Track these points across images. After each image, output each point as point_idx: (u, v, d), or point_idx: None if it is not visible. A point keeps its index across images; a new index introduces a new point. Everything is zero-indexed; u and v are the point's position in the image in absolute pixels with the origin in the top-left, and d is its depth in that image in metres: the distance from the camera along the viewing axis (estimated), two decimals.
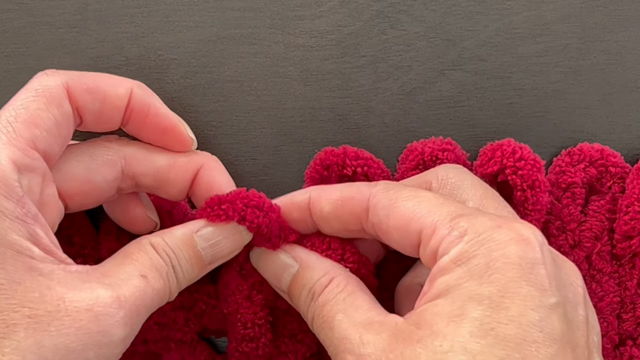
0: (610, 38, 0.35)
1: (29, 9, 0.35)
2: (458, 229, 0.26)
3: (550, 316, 0.24)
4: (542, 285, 0.24)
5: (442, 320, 0.24)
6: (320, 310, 0.28)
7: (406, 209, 0.27)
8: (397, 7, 0.35)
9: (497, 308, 0.24)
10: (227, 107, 0.35)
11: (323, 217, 0.30)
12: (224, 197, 0.30)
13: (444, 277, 0.25)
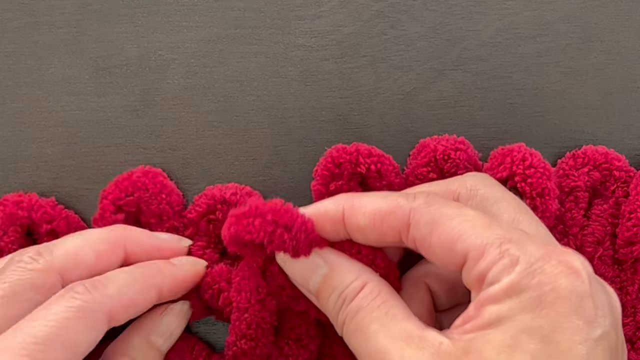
0: (610, 38, 0.35)
1: (29, 9, 0.35)
2: (510, 257, 0.25)
3: (595, 349, 0.25)
4: (589, 318, 0.25)
5: (494, 349, 0.25)
6: (353, 317, 0.28)
7: (451, 227, 0.27)
8: (397, 7, 0.35)
9: (549, 342, 0.24)
10: (227, 107, 0.35)
11: (359, 230, 0.29)
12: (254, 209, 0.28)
13: (494, 306, 0.25)
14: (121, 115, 0.35)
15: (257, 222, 0.28)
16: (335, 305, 0.28)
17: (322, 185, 0.33)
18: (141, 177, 0.33)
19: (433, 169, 0.33)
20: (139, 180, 0.33)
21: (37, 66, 0.35)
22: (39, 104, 0.35)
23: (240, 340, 0.31)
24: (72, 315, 0.27)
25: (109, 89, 0.35)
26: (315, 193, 0.33)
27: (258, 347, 0.31)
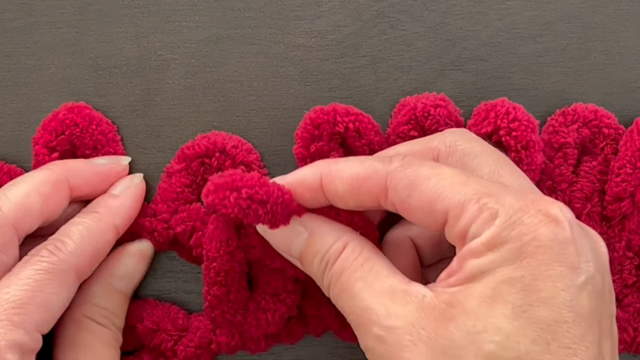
0: (611, 38, 0.35)
1: (29, 9, 0.35)
2: (489, 211, 0.26)
3: (580, 295, 0.25)
4: (572, 264, 0.25)
5: (475, 301, 0.25)
6: (338, 278, 0.28)
7: (429, 188, 0.27)
8: (397, 7, 0.35)
9: (530, 291, 0.24)
10: (227, 107, 0.35)
11: (338, 196, 0.29)
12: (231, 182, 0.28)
13: (475, 260, 0.25)
14: (121, 115, 0.35)
15: (233, 197, 0.28)
16: (319, 269, 0.29)
17: (303, 147, 0.33)
18: (67, 114, 0.33)
19: (414, 126, 0.33)
20: (67, 118, 0.33)
21: (37, 66, 0.35)
22: (39, 104, 0.35)
23: (212, 287, 0.32)
24: (42, 277, 0.28)
25: (109, 89, 0.35)
26: (297, 156, 0.33)
27: (231, 293, 0.32)
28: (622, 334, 0.33)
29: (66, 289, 0.29)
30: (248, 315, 0.32)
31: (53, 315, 0.28)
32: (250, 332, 0.33)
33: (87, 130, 0.33)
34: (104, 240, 0.31)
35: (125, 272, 0.32)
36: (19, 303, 0.27)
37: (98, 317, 0.31)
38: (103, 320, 0.31)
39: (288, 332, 0.34)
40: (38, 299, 0.28)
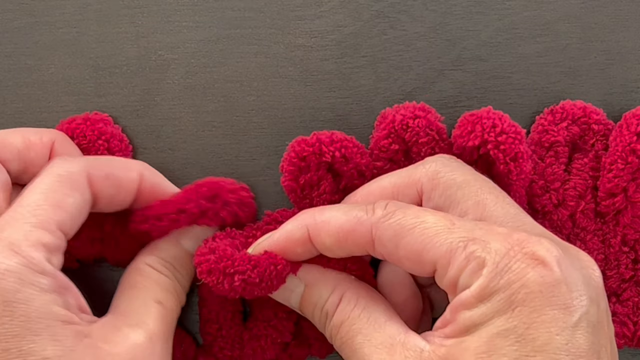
0: (610, 38, 0.35)
1: (29, 9, 0.35)
2: (476, 260, 0.26)
3: (575, 335, 0.24)
4: (565, 304, 0.25)
5: (471, 357, 0.25)
6: (338, 331, 0.28)
7: (414, 239, 0.27)
8: (397, 7, 0.35)
9: (524, 341, 0.24)
10: (227, 107, 0.35)
11: (327, 249, 0.29)
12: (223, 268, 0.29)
13: (468, 312, 0.26)
14: (121, 115, 0.35)
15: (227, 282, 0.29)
16: (320, 320, 0.29)
17: (291, 180, 0.33)
18: (81, 124, 0.33)
19: (394, 139, 0.33)
20: (78, 128, 0.33)
21: (37, 66, 0.35)
22: (39, 104, 0.35)
23: (205, 324, 0.33)
24: (55, 180, 0.28)
25: (109, 89, 0.35)
26: (287, 189, 0.33)
27: (223, 329, 0.32)
28: (623, 328, 0.33)
29: (80, 191, 0.29)
30: (244, 346, 0.33)
31: (71, 216, 0.28)
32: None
33: (94, 145, 0.33)
34: (125, 173, 0.31)
35: (194, 234, 0.32)
36: (34, 206, 0.27)
37: (159, 266, 0.31)
38: (164, 270, 0.31)
39: (291, 355, 0.34)
40: (51, 199, 0.28)
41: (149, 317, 0.28)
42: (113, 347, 0.26)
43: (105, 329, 0.27)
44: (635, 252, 0.34)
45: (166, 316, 0.29)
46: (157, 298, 0.29)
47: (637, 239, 0.34)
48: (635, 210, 0.33)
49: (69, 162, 0.29)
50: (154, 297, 0.29)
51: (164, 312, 0.29)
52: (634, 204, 0.33)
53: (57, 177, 0.28)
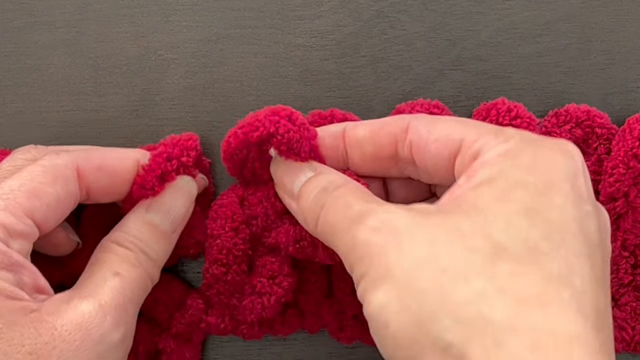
0: (610, 38, 0.35)
1: (29, 9, 0.35)
2: (505, 135, 0.26)
3: (587, 219, 0.25)
4: (581, 193, 0.25)
5: (487, 200, 0.24)
6: (336, 197, 0.28)
7: (448, 124, 0.28)
8: (397, 7, 0.35)
9: (543, 195, 0.24)
10: (227, 107, 0.35)
11: (357, 141, 0.30)
12: (261, 111, 0.30)
13: (487, 169, 0.25)
14: (121, 115, 0.35)
15: (262, 115, 0.29)
16: (316, 196, 0.28)
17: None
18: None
19: None
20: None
21: (37, 66, 0.35)
22: (39, 104, 0.35)
23: (212, 265, 0.32)
24: (37, 170, 0.28)
25: (109, 89, 0.35)
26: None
27: (229, 274, 0.32)
28: (621, 332, 0.33)
29: (62, 183, 0.28)
30: (243, 299, 0.32)
31: (47, 206, 0.28)
32: (244, 316, 0.32)
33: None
34: (120, 162, 0.31)
35: (160, 204, 0.31)
36: (7, 191, 0.27)
37: (122, 240, 0.30)
38: (127, 244, 0.30)
39: (283, 322, 0.34)
40: (26, 186, 0.27)
41: (102, 288, 0.27)
42: (58, 318, 0.26)
43: (56, 303, 0.26)
44: (635, 257, 0.34)
45: (124, 286, 0.28)
46: (115, 270, 0.28)
47: (637, 244, 0.34)
48: (636, 215, 0.33)
49: (58, 155, 0.29)
50: (112, 269, 0.28)
51: (122, 282, 0.28)
52: (635, 209, 0.33)
53: (41, 167, 0.28)
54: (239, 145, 0.30)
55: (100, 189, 0.30)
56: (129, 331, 0.28)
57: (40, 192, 0.28)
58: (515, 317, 0.22)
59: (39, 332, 0.25)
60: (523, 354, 0.21)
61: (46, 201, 0.28)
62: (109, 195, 0.31)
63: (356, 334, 0.33)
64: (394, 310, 0.23)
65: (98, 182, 0.30)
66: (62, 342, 0.25)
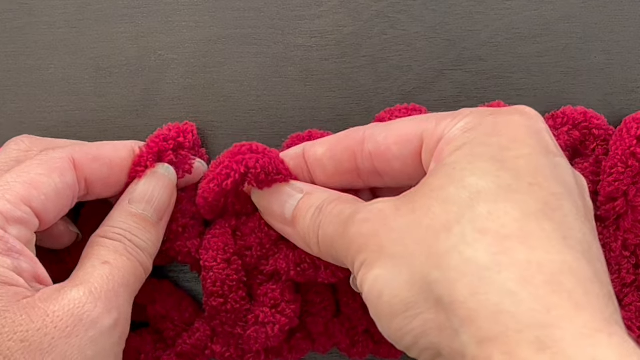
0: (610, 38, 0.35)
1: (29, 9, 0.35)
2: (461, 114, 0.26)
3: (559, 168, 0.25)
4: (548, 146, 0.25)
5: (454, 159, 0.25)
6: (330, 211, 0.28)
7: (403, 124, 0.28)
8: (397, 7, 0.35)
9: (507, 149, 0.24)
10: (227, 107, 0.35)
11: (317, 160, 0.30)
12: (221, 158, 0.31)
13: (452, 143, 0.25)
14: (121, 115, 0.35)
15: (227, 161, 0.30)
16: (312, 217, 0.29)
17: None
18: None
19: None
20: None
21: (37, 66, 0.35)
22: (39, 104, 0.35)
23: (209, 298, 0.32)
24: (34, 163, 0.29)
25: (109, 89, 0.35)
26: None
27: (228, 303, 0.32)
28: (628, 332, 0.33)
29: (59, 174, 0.29)
30: (247, 329, 0.32)
31: (46, 196, 0.28)
32: (249, 346, 0.32)
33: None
34: (116, 152, 0.31)
35: (143, 193, 0.31)
36: (3, 182, 0.28)
37: (108, 234, 0.30)
38: (113, 236, 0.30)
39: (291, 348, 0.33)
40: (23, 177, 0.28)
41: (92, 276, 0.28)
42: (50, 304, 0.26)
43: (48, 291, 0.27)
44: (637, 257, 0.34)
45: (112, 273, 0.28)
46: (104, 259, 0.29)
47: (638, 244, 0.34)
48: (635, 214, 0.33)
49: (54, 150, 0.30)
50: (101, 259, 0.29)
51: (111, 269, 0.28)
52: (635, 208, 0.33)
53: (37, 160, 0.29)
54: (215, 197, 0.31)
55: (98, 180, 0.30)
56: (122, 316, 0.28)
57: (37, 183, 0.28)
58: (499, 254, 0.22)
59: (31, 318, 0.25)
60: (512, 287, 0.21)
61: (44, 191, 0.28)
62: (107, 187, 0.31)
63: (368, 348, 0.33)
64: (387, 279, 0.24)
65: (95, 173, 0.30)
66: (54, 328, 0.25)
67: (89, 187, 0.30)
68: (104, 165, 0.30)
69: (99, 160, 0.30)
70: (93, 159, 0.30)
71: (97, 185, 0.30)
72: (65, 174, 0.29)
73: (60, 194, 0.29)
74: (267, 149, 0.31)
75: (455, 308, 0.22)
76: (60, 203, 0.29)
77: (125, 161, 0.31)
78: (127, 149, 0.31)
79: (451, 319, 0.22)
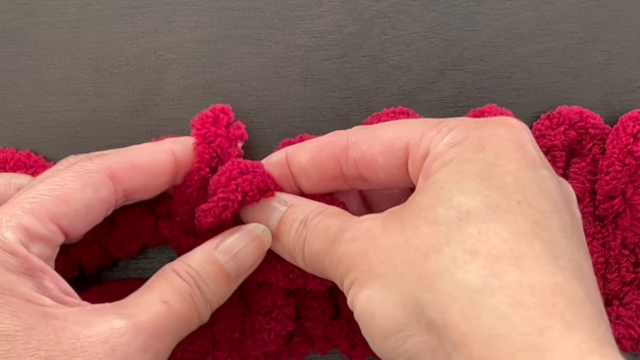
0: (610, 38, 0.35)
1: (29, 9, 0.35)
2: (448, 126, 0.26)
3: (546, 182, 0.24)
4: (534, 159, 0.25)
5: (441, 178, 0.25)
6: (315, 226, 0.28)
7: (388, 132, 0.28)
8: (397, 7, 0.35)
9: (495, 166, 0.24)
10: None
11: (301, 168, 0.30)
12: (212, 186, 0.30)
13: (438, 160, 0.25)
14: (121, 115, 0.35)
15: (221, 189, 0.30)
16: (296, 232, 0.28)
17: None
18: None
19: None
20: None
21: (37, 66, 0.35)
22: (39, 104, 0.35)
23: None
24: (68, 175, 0.28)
25: (109, 89, 0.35)
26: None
27: (224, 309, 0.31)
28: (628, 330, 0.33)
29: (92, 189, 0.28)
30: (246, 335, 0.32)
31: (75, 212, 0.27)
32: (249, 351, 0.33)
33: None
34: (153, 156, 0.30)
35: (231, 246, 0.30)
36: (35, 194, 0.27)
37: (181, 271, 0.29)
38: (185, 275, 0.29)
39: (290, 352, 0.33)
40: (56, 191, 0.27)
41: (144, 312, 0.27)
42: (84, 328, 0.25)
43: (87, 313, 0.26)
44: (636, 255, 0.34)
45: (167, 317, 0.27)
46: (165, 298, 0.27)
47: (637, 242, 0.34)
48: (634, 212, 0.33)
49: (90, 160, 0.29)
50: (162, 296, 0.28)
51: (167, 312, 0.27)
52: (633, 207, 0.33)
53: (72, 172, 0.28)
54: (213, 222, 0.30)
55: (137, 188, 0.30)
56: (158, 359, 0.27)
57: (69, 198, 0.27)
58: (490, 276, 0.22)
59: (59, 339, 0.24)
60: (504, 311, 0.21)
61: (74, 207, 0.27)
62: (147, 192, 0.30)
63: (368, 351, 0.33)
64: (379, 300, 0.24)
65: (133, 182, 0.29)
66: (83, 352, 0.24)
67: (128, 195, 0.30)
68: (142, 173, 0.30)
69: (136, 169, 0.29)
70: (130, 168, 0.29)
71: (136, 192, 0.30)
72: (99, 189, 0.28)
73: (92, 210, 0.28)
74: (252, 164, 0.30)
75: (448, 332, 0.22)
76: (91, 218, 0.28)
77: (163, 165, 0.30)
78: (164, 152, 0.30)
79: (444, 342, 0.22)
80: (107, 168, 0.29)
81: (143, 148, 0.31)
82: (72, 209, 0.27)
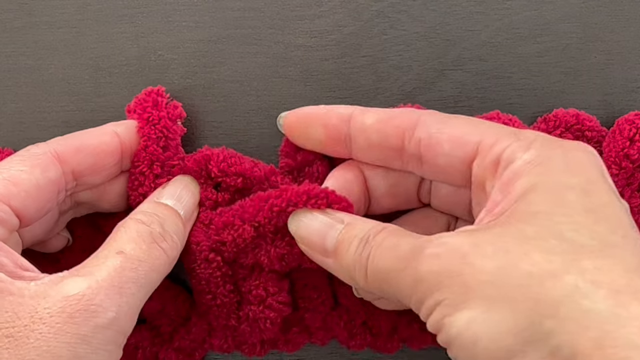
0: (610, 38, 0.35)
1: (29, 9, 0.35)
2: (525, 139, 0.26)
3: (627, 210, 0.25)
4: (614, 189, 0.26)
5: (542, 206, 0.24)
6: (380, 243, 0.27)
7: (461, 125, 0.28)
8: (397, 7, 0.35)
9: (590, 194, 0.25)
10: (227, 107, 0.35)
11: (364, 129, 0.30)
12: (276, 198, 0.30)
13: (523, 178, 0.25)
14: (121, 115, 0.35)
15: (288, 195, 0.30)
16: (356, 250, 0.27)
17: (289, 158, 0.33)
18: None
19: None
20: None
21: (37, 66, 0.35)
22: (39, 104, 0.35)
23: (199, 295, 0.32)
24: (14, 159, 0.29)
25: (109, 89, 0.35)
26: (284, 168, 0.33)
27: (217, 298, 0.32)
28: None
29: (40, 170, 0.28)
30: (242, 322, 0.32)
31: (26, 192, 0.28)
32: (245, 338, 0.33)
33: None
34: (97, 138, 0.31)
35: (171, 192, 0.31)
36: None
37: (140, 216, 0.29)
38: (144, 219, 0.29)
39: (288, 341, 0.33)
40: (3, 174, 0.28)
41: (100, 268, 0.26)
42: (42, 300, 0.25)
43: (44, 285, 0.25)
44: None
45: (124, 267, 0.26)
46: (120, 248, 0.27)
47: None
48: (632, 216, 0.33)
49: (36, 146, 0.30)
50: (117, 247, 0.27)
51: (122, 261, 0.27)
52: (630, 210, 0.33)
53: (19, 157, 0.29)
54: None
55: (86, 169, 0.30)
56: (123, 314, 0.26)
57: (17, 179, 0.28)
58: (617, 307, 0.22)
59: (17, 315, 0.24)
60: (637, 341, 0.21)
61: (24, 188, 0.28)
62: (96, 174, 0.31)
63: (366, 341, 0.33)
64: (484, 324, 0.23)
65: (81, 163, 0.30)
66: (43, 324, 0.24)
67: (77, 178, 0.30)
68: (89, 155, 0.30)
69: (82, 151, 0.30)
70: (76, 150, 0.30)
71: (85, 174, 0.30)
72: (47, 169, 0.29)
73: (42, 190, 0.28)
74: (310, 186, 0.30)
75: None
76: (43, 199, 0.29)
77: (109, 146, 0.31)
78: (109, 134, 0.31)
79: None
80: (53, 150, 0.29)
81: (87, 132, 0.31)
82: (22, 189, 0.28)
